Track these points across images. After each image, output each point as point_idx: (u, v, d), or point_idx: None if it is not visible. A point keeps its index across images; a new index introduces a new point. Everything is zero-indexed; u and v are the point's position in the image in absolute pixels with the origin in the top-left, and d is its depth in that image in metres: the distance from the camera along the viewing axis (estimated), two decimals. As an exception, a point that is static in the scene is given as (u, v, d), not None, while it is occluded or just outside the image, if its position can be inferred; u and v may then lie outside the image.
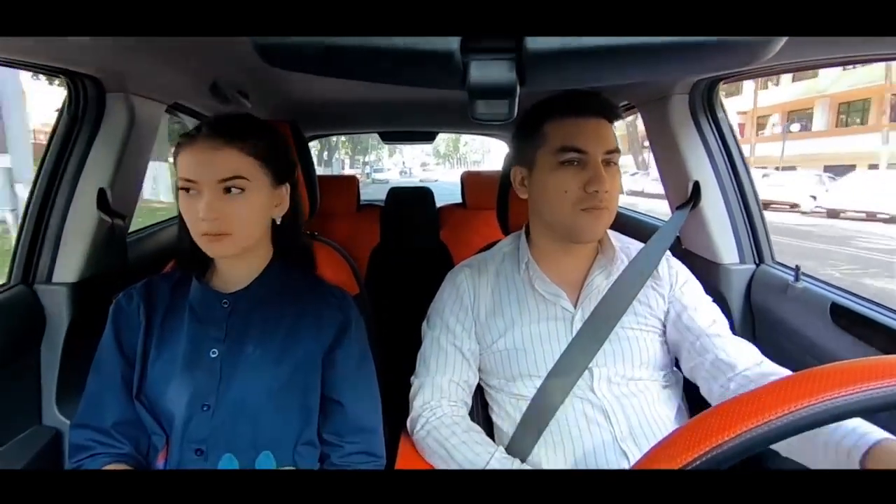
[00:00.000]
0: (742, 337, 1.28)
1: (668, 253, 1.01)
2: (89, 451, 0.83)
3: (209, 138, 0.80)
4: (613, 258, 0.95)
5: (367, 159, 39.02)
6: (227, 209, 0.79)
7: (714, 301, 1.00)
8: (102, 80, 1.05)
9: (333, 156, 28.55)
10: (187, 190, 0.80)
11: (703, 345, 0.89)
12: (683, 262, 1.02)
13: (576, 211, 0.87)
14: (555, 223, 0.91)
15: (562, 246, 0.94)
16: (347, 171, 29.13)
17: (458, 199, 2.36)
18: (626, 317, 0.91)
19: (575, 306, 0.93)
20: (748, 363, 0.84)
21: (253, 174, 0.82)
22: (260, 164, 0.83)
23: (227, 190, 0.80)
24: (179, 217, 0.88)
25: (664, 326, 0.95)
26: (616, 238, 0.99)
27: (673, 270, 0.98)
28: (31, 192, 1.11)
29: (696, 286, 0.98)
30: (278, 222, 0.90)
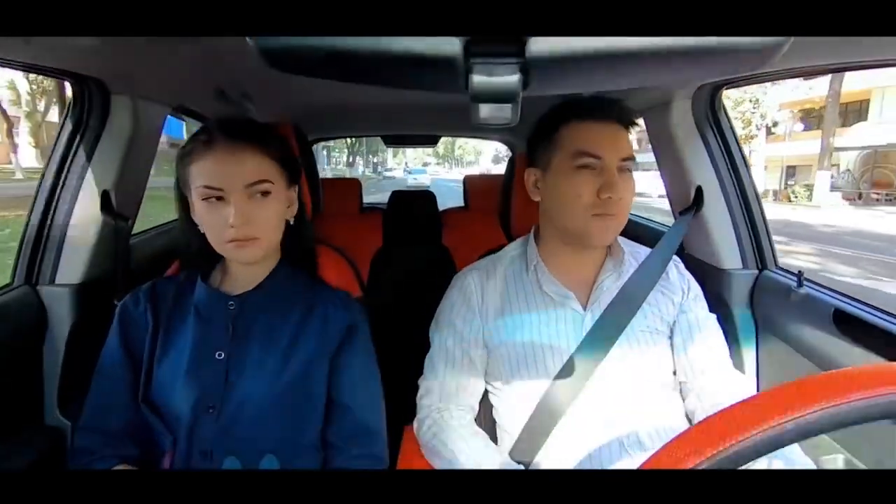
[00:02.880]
0: (744, 342, 1.28)
1: (680, 262, 1.01)
2: (96, 455, 0.83)
3: (229, 143, 0.80)
4: (622, 261, 0.95)
5: (376, 160, 43.70)
6: (254, 214, 0.80)
7: (717, 306, 1.00)
8: (107, 83, 1.06)
9: (356, 159, 35.18)
10: (208, 198, 0.79)
11: (701, 368, 0.92)
12: (686, 266, 1.02)
13: (587, 216, 0.87)
14: (566, 227, 0.91)
15: (572, 249, 0.94)
16: (362, 169, 36.50)
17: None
18: (636, 320, 0.90)
19: (585, 308, 0.92)
20: (737, 398, 0.86)
21: (275, 177, 0.83)
22: (279, 166, 0.84)
23: (252, 195, 0.80)
24: (183, 220, 0.87)
25: (672, 332, 0.95)
26: (624, 242, 0.99)
27: (685, 280, 0.99)
28: (36, 193, 1.12)
29: (704, 304, 0.99)
30: (291, 223, 0.91)
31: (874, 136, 17.50)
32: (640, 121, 1.55)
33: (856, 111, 19.24)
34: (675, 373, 0.94)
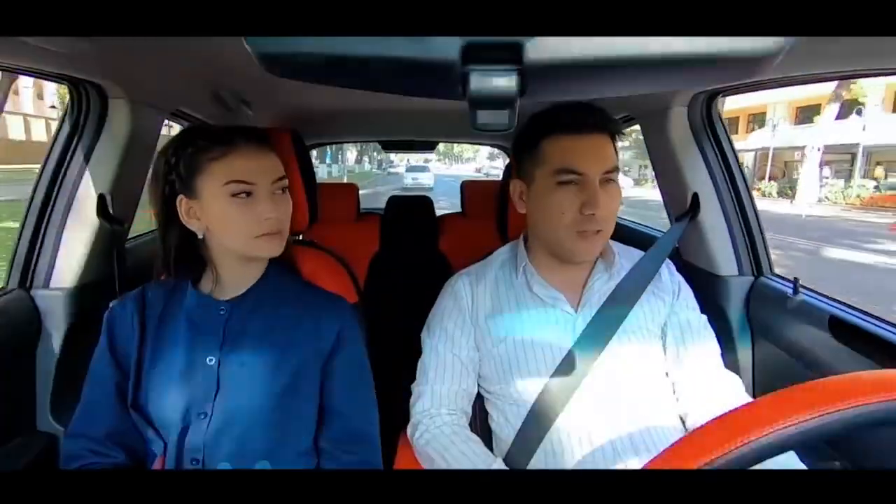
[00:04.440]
0: (740, 348, 1.29)
1: (671, 264, 1.01)
2: (82, 460, 0.82)
3: (251, 143, 0.83)
4: (613, 263, 0.95)
5: (381, 158, 47.75)
6: (281, 208, 0.84)
7: (713, 312, 1.00)
8: (105, 87, 1.06)
9: (363, 158, 42.88)
10: (238, 194, 0.81)
11: (692, 369, 0.92)
12: (682, 273, 1.02)
13: (571, 233, 0.86)
14: (550, 242, 0.91)
15: (560, 256, 0.94)
16: (368, 166, 43.63)
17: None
18: (628, 321, 0.90)
19: (576, 310, 0.92)
20: (729, 397, 0.87)
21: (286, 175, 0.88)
22: (282, 167, 0.88)
23: (275, 190, 0.85)
24: (160, 228, 0.86)
25: (663, 333, 0.95)
26: (615, 245, 0.99)
27: (675, 280, 0.99)
28: (31, 196, 1.11)
29: (695, 305, 0.99)
30: None
31: (765, 141, 23.15)
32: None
33: (759, 121, 26.50)
34: (667, 374, 0.94)
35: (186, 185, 0.82)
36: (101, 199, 1.10)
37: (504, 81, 0.35)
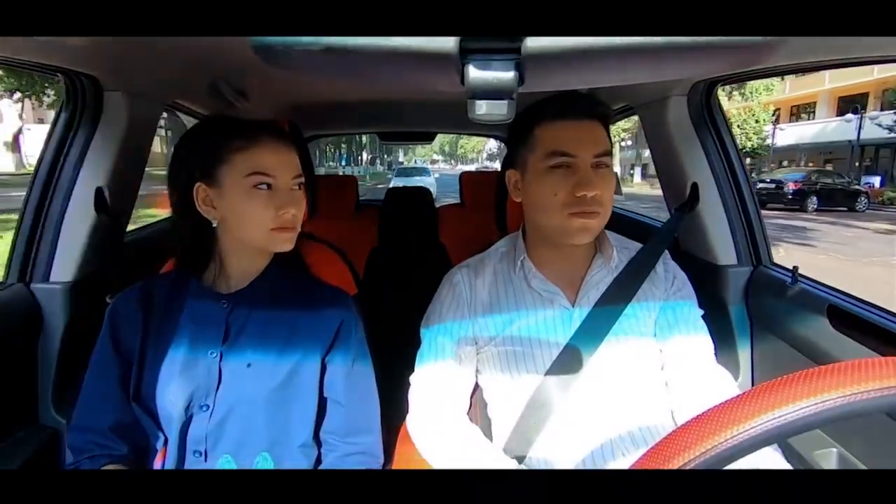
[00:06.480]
0: (740, 338, 1.29)
1: (667, 255, 1.01)
2: (86, 453, 0.83)
3: (275, 138, 0.84)
4: (611, 257, 0.95)
5: (390, 159, 50.43)
6: (297, 204, 0.85)
7: (712, 302, 1.00)
8: (100, 79, 1.05)
9: (376, 160, 44.83)
10: (258, 185, 0.81)
11: (683, 362, 0.92)
12: (681, 263, 1.02)
13: (565, 215, 0.86)
14: (546, 227, 0.91)
15: (558, 247, 0.94)
16: (381, 167, 45.18)
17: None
18: (625, 316, 0.91)
19: (573, 304, 0.93)
20: (719, 392, 0.87)
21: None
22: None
23: (293, 186, 0.85)
24: (176, 215, 0.87)
25: (657, 325, 0.95)
26: (614, 238, 0.99)
27: (670, 273, 0.98)
28: (29, 190, 1.11)
29: (690, 297, 0.98)
30: None
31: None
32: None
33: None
34: (662, 368, 0.95)
35: (207, 173, 0.82)
36: (98, 192, 1.10)
37: (502, 71, 0.35)
